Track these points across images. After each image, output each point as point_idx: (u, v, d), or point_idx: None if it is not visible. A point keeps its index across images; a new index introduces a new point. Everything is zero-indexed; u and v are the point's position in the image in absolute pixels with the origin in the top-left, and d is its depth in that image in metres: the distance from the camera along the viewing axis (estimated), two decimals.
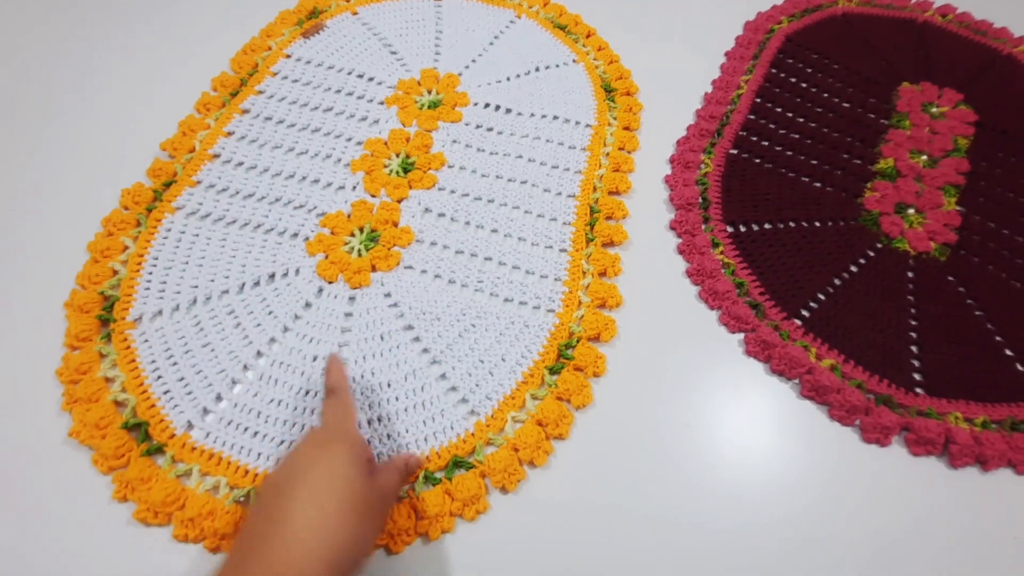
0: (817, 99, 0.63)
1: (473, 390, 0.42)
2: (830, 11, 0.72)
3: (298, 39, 0.64)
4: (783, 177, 0.56)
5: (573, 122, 0.59)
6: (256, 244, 0.49)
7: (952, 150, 0.59)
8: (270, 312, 0.45)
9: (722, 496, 0.40)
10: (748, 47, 0.67)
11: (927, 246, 0.52)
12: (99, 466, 0.39)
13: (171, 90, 0.59)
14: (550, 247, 0.50)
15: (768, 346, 0.45)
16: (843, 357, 0.45)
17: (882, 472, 0.41)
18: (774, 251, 0.51)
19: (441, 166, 0.55)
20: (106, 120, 0.57)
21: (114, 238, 0.49)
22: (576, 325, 0.46)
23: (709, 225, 0.52)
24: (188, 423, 0.41)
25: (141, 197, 0.51)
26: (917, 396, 0.44)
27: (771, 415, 0.44)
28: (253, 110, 0.57)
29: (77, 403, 0.41)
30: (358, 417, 0.40)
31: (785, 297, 0.48)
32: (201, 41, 0.64)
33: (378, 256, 0.48)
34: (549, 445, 0.41)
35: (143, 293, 0.46)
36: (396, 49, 0.64)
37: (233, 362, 0.43)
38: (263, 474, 0.39)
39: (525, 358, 0.44)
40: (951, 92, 0.64)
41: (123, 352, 0.43)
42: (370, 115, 0.58)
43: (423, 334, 0.45)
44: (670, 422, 0.43)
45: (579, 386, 0.43)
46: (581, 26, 0.68)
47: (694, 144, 0.58)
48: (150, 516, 0.37)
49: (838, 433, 0.43)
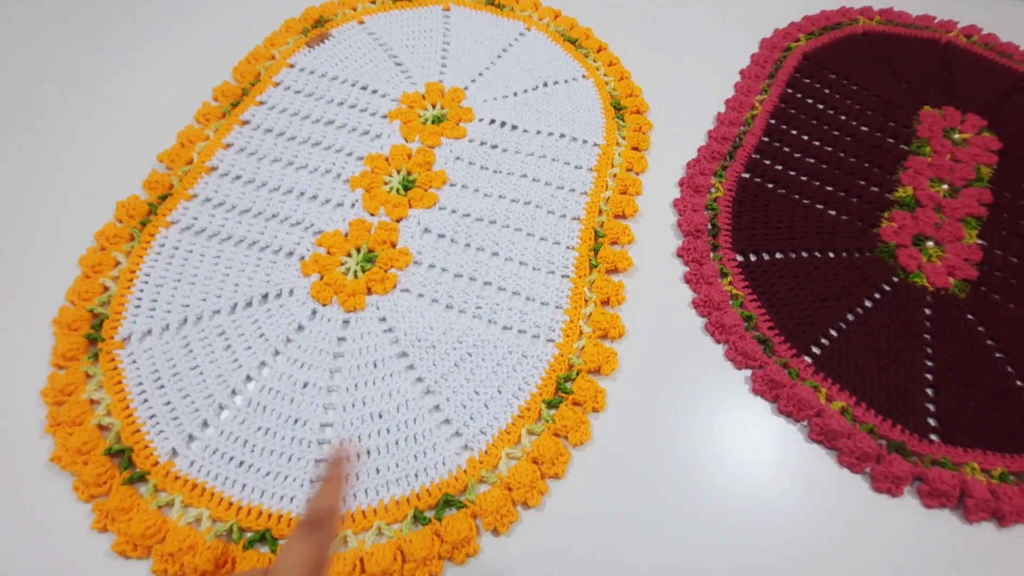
0: (834, 122, 0.61)
1: (467, 423, 0.41)
2: (850, 30, 0.70)
3: (302, 48, 0.63)
4: (796, 204, 0.54)
5: (580, 141, 0.57)
6: (250, 262, 0.48)
7: (974, 179, 0.57)
8: (261, 334, 0.44)
9: (724, 546, 0.38)
10: (764, 66, 0.65)
11: (946, 282, 0.50)
12: (80, 493, 0.38)
13: (173, 99, 0.58)
14: (552, 273, 0.49)
15: (776, 385, 0.44)
16: (854, 399, 0.43)
17: (892, 524, 0.39)
18: (785, 283, 0.49)
19: (443, 184, 0.53)
20: (106, 129, 0.56)
21: (106, 253, 0.48)
22: (576, 357, 0.44)
23: (718, 253, 0.50)
24: (172, 450, 0.40)
25: (136, 210, 0.50)
26: (932, 444, 0.42)
27: (777, 459, 0.42)
28: (253, 121, 0.56)
29: (60, 426, 0.40)
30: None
31: (795, 332, 0.46)
32: (204, 49, 0.62)
33: (374, 278, 0.47)
34: (544, 484, 0.39)
35: (133, 311, 0.45)
36: (401, 61, 0.62)
37: (221, 386, 0.42)
38: (246, 507, 0.38)
39: (522, 391, 0.43)
40: (974, 118, 0.61)
41: (110, 373, 0.42)
42: (372, 129, 0.57)
43: (418, 362, 0.43)
44: (671, 463, 0.41)
45: (577, 422, 0.41)
46: (592, 40, 0.66)
47: (705, 167, 0.56)
48: (129, 548, 0.36)
49: (847, 481, 0.41)
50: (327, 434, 0.40)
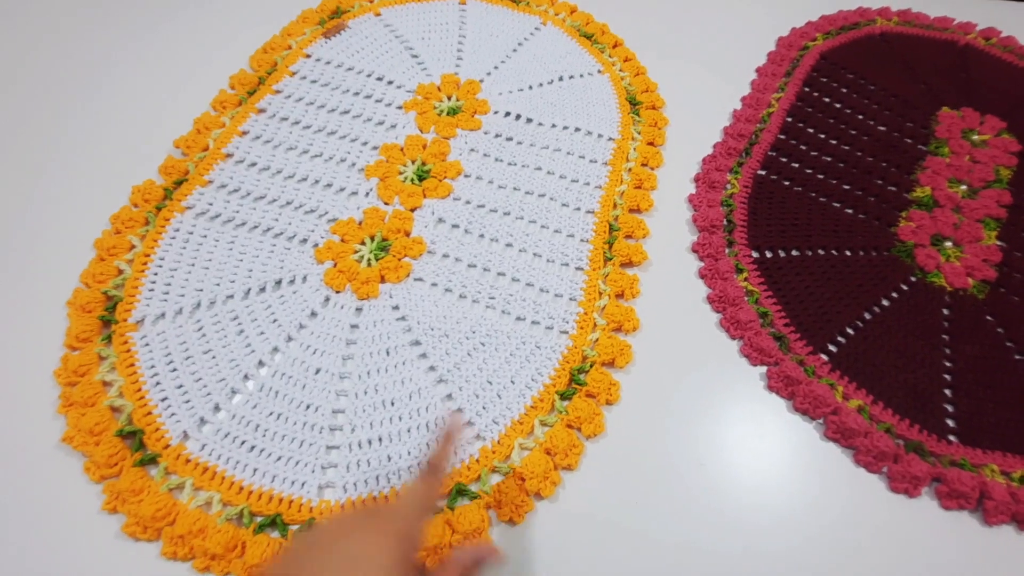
0: (851, 121, 0.60)
1: (480, 413, 0.41)
2: (868, 30, 0.69)
3: (319, 39, 0.63)
4: (813, 202, 0.54)
5: (595, 135, 0.57)
6: (264, 248, 0.47)
7: (993, 180, 0.56)
8: (274, 320, 0.44)
9: (737, 543, 0.38)
10: (780, 64, 0.64)
11: (965, 282, 0.49)
12: (91, 474, 0.38)
13: (190, 86, 0.58)
14: (566, 265, 0.48)
15: (792, 382, 0.43)
16: (871, 398, 0.43)
17: (909, 525, 0.39)
18: (801, 280, 0.49)
19: (457, 175, 0.53)
20: (124, 115, 0.56)
21: (121, 236, 0.48)
22: (590, 349, 0.44)
23: (733, 249, 0.50)
24: (184, 433, 0.39)
25: (151, 195, 0.50)
26: (950, 444, 0.41)
27: (792, 457, 0.41)
28: (269, 110, 0.56)
29: (73, 406, 0.40)
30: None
31: (811, 330, 0.46)
32: (222, 38, 0.63)
33: (388, 267, 0.47)
34: (557, 476, 0.39)
35: (147, 294, 0.45)
36: (417, 52, 0.62)
37: (234, 371, 0.42)
38: (257, 491, 0.37)
39: (535, 381, 0.42)
40: (993, 119, 0.61)
41: (123, 355, 0.42)
42: (387, 119, 0.57)
43: (430, 351, 0.43)
44: (684, 458, 0.41)
45: (591, 414, 0.41)
46: (608, 36, 0.66)
47: (720, 163, 0.56)
48: (139, 530, 0.36)
49: (864, 480, 0.40)
50: (339, 420, 0.40)
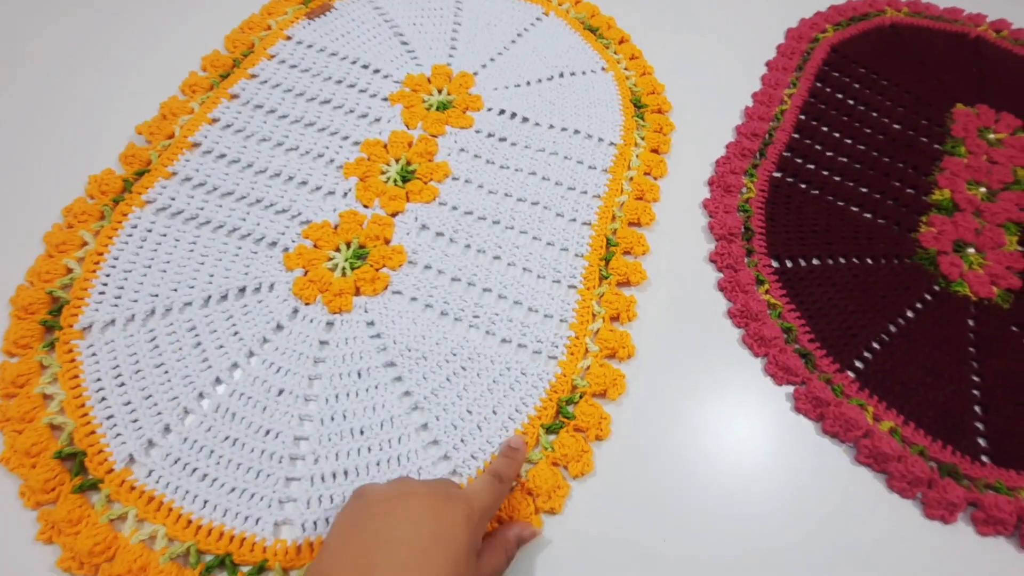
0: (866, 118, 0.57)
1: (457, 446, 0.37)
2: (877, 21, 0.66)
3: (302, 19, 0.58)
4: (831, 206, 0.51)
5: (596, 139, 0.53)
6: (229, 251, 0.43)
7: (1012, 182, 0.53)
8: (236, 333, 0.40)
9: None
10: (791, 57, 0.61)
11: (989, 291, 0.46)
12: (26, 499, 0.34)
13: (158, 67, 0.53)
14: (558, 282, 0.45)
15: (821, 403, 0.40)
16: (902, 418, 0.40)
17: (945, 552, 0.36)
18: (824, 291, 0.46)
19: (444, 178, 0.49)
20: (83, 96, 0.52)
21: (73, 231, 0.43)
22: (580, 378, 0.40)
23: (753, 259, 0.47)
24: (130, 457, 0.36)
25: (109, 186, 0.46)
26: (984, 466, 0.38)
27: (822, 482, 0.38)
28: (243, 96, 0.52)
29: (8, 422, 0.36)
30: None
31: (837, 346, 0.43)
32: (195, 15, 0.58)
33: (364, 277, 0.43)
34: (538, 520, 0.36)
35: (97, 298, 0.41)
36: (408, 39, 0.58)
37: (188, 388, 0.38)
38: (206, 527, 0.34)
39: (519, 412, 0.39)
40: (1009, 117, 0.58)
41: (66, 366, 0.38)
42: (371, 112, 0.52)
43: (406, 374, 0.40)
44: (691, 492, 0.37)
45: (578, 451, 0.37)
46: (614, 30, 0.61)
47: (735, 165, 0.52)
48: (75, 566, 0.33)
49: (897, 506, 0.38)
50: (301, 449, 0.37)
